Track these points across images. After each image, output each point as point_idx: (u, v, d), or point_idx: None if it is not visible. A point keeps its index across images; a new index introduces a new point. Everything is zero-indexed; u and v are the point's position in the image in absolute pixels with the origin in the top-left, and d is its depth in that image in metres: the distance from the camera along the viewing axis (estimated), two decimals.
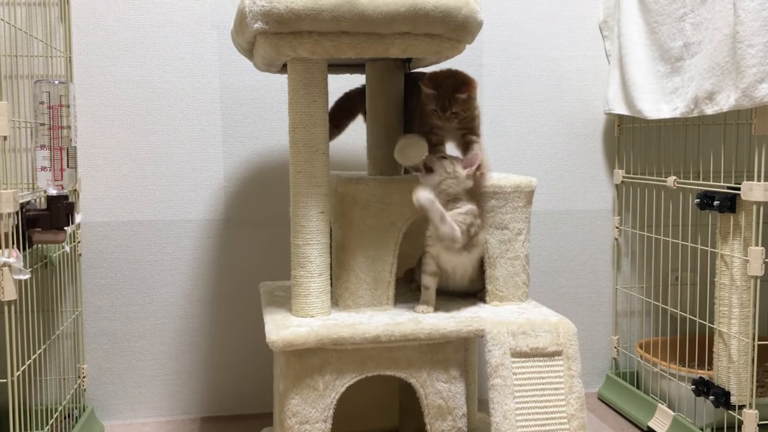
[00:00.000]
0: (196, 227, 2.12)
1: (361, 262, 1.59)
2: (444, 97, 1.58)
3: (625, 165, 2.24)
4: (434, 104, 1.59)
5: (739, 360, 1.70)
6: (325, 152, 1.51)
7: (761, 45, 1.53)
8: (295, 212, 1.52)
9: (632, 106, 2.03)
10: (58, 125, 1.63)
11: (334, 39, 1.41)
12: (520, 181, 1.64)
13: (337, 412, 1.47)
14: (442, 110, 1.59)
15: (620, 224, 2.29)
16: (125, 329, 2.10)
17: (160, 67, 2.06)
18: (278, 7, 1.35)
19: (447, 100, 1.58)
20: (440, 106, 1.58)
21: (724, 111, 1.65)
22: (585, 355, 2.31)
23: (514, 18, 2.21)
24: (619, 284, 2.31)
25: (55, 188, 1.63)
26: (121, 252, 2.09)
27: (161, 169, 2.08)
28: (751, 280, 1.67)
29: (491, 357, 1.45)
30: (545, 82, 2.24)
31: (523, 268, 1.66)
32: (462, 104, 1.59)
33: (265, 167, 2.13)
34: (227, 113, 2.10)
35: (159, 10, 2.05)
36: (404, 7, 1.37)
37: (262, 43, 1.42)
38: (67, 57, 1.97)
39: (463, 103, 1.59)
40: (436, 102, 1.59)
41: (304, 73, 1.48)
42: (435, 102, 1.59)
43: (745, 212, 1.68)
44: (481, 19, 1.45)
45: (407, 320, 1.49)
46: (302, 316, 1.52)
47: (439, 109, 1.59)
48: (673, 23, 1.86)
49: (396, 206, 1.58)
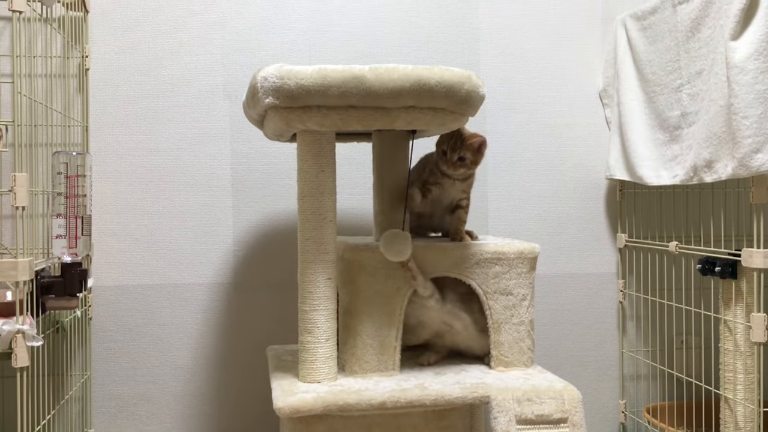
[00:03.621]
0: (206, 291, 2.14)
1: (368, 328, 1.61)
2: (457, 139, 1.67)
3: (628, 229, 2.27)
4: (446, 144, 1.68)
5: (746, 426, 1.70)
6: (333, 220, 1.55)
7: (755, 117, 1.57)
8: (303, 278, 1.55)
9: (633, 173, 2.08)
10: (75, 194, 1.68)
11: (342, 113, 1.47)
12: (523, 247, 1.67)
13: None
14: (452, 150, 1.67)
15: (624, 287, 2.30)
16: (133, 393, 2.11)
17: (173, 135, 2.12)
18: (288, 83, 1.41)
19: (459, 142, 1.66)
20: (451, 145, 1.67)
21: (723, 179, 1.69)
22: (592, 419, 2.30)
23: (516, 86, 2.28)
24: (625, 348, 2.32)
25: (70, 256, 1.67)
26: (131, 315, 2.11)
27: (172, 234, 2.13)
28: (754, 346, 1.68)
29: (497, 424, 1.46)
30: (548, 148, 2.30)
31: (528, 333, 1.67)
32: (471, 152, 1.67)
33: (275, 232, 2.17)
34: (237, 179, 2.16)
35: (173, 80, 2.12)
36: (409, 83, 1.43)
37: (272, 116, 1.48)
38: (84, 126, 2.04)
39: (473, 152, 1.67)
40: (448, 142, 1.67)
41: (313, 144, 1.53)
42: (447, 142, 1.67)
43: (746, 278, 1.70)
44: (483, 93, 1.51)
45: (413, 386, 1.50)
46: (309, 381, 1.54)
47: (449, 149, 1.67)
48: (670, 93, 1.92)
49: (401, 272, 1.61)
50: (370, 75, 1.42)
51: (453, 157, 1.67)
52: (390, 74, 1.42)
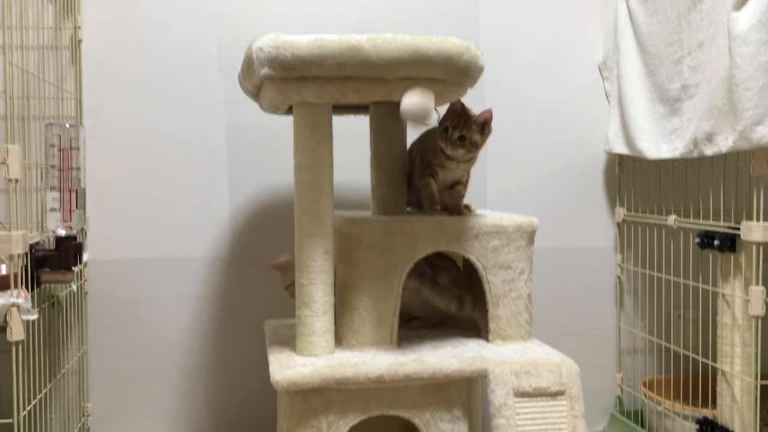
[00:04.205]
0: (202, 265, 2.13)
1: (365, 302, 1.60)
2: (461, 117, 1.60)
3: (627, 203, 2.26)
4: (449, 121, 1.60)
5: (743, 399, 1.70)
6: (329, 193, 1.54)
7: (757, 88, 1.56)
8: (299, 252, 1.54)
9: (632, 146, 2.06)
10: (68, 167, 1.66)
11: (338, 84, 1.44)
12: (522, 220, 1.66)
13: None
14: (453, 127, 1.60)
15: (622, 262, 2.30)
16: (130, 367, 2.11)
17: (168, 108, 2.10)
18: (284, 54, 1.38)
19: (463, 120, 1.60)
20: (453, 123, 1.60)
21: (723, 152, 1.68)
22: (589, 393, 2.29)
23: (515, 60, 2.25)
24: (623, 322, 2.32)
25: (64, 229, 1.66)
26: (127, 290, 2.10)
27: (168, 208, 2.11)
28: (752, 319, 1.68)
29: (494, 397, 1.46)
30: (547, 122, 2.28)
31: (525, 307, 1.67)
32: (475, 131, 1.61)
33: (271, 206, 2.16)
34: (233, 153, 2.14)
35: (167, 53, 2.09)
36: (407, 53, 1.41)
37: (268, 87, 1.46)
38: (77, 99, 2.02)
39: (479, 129, 1.61)
40: (451, 119, 1.60)
41: (310, 117, 1.51)
42: (450, 119, 1.60)
43: (745, 252, 1.69)
44: (482, 64, 1.49)
45: (411, 360, 1.50)
46: (306, 355, 1.54)
47: (452, 126, 1.60)
48: (670, 66, 1.90)
49: (399, 246, 1.60)
50: (367, 45, 1.40)
51: (454, 135, 1.60)
52: (388, 44, 1.40)
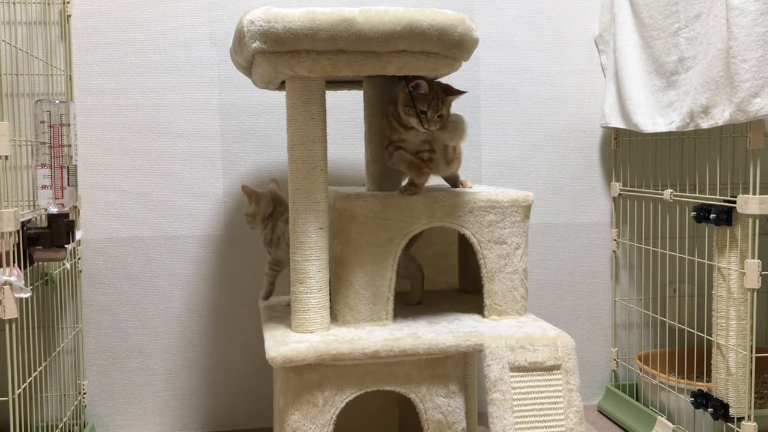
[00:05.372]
0: (196, 243, 2.13)
1: (360, 278, 1.60)
2: (435, 96, 1.54)
3: (622, 178, 2.25)
4: (425, 104, 1.54)
5: (738, 372, 1.71)
6: (323, 169, 1.53)
7: (754, 60, 1.54)
8: (294, 228, 1.53)
9: (629, 120, 2.05)
10: (59, 144, 1.65)
11: (331, 58, 1.43)
12: (517, 195, 1.65)
13: (337, 427, 1.47)
14: (434, 110, 1.54)
15: (618, 237, 2.30)
16: (125, 345, 2.11)
17: (160, 85, 2.08)
18: (276, 27, 1.36)
19: (439, 100, 1.54)
20: (433, 106, 1.54)
21: (720, 125, 1.67)
22: (584, 367, 2.31)
23: (510, 34, 2.23)
24: (618, 296, 2.32)
25: (56, 206, 1.64)
26: (121, 268, 2.09)
27: (161, 185, 2.10)
28: (747, 292, 1.68)
29: (490, 371, 1.46)
30: (542, 97, 2.26)
31: (521, 282, 1.67)
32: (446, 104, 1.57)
33: (265, 182, 2.14)
34: (226, 129, 2.12)
35: (159, 28, 2.06)
36: (401, 25, 1.39)
37: (260, 61, 1.44)
38: (67, 75, 1.99)
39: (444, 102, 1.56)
40: (428, 102, 1.54)
41: (302, 91, 1.49)
42: (426, 102, 1.54)
43: (741, 225, 1.69)
44: (477, 36, 1.47)
45: (406, 335, 1.50)
46: (302, 331, 1.53)
47: (430, 109, 1.53)
48: (667, 38, 1.88)
49: (394, 222, 1.59)
50: (360, 17, 1.38)
51: (434, 116, 1.55)
52: (381, 17, 1.38)
